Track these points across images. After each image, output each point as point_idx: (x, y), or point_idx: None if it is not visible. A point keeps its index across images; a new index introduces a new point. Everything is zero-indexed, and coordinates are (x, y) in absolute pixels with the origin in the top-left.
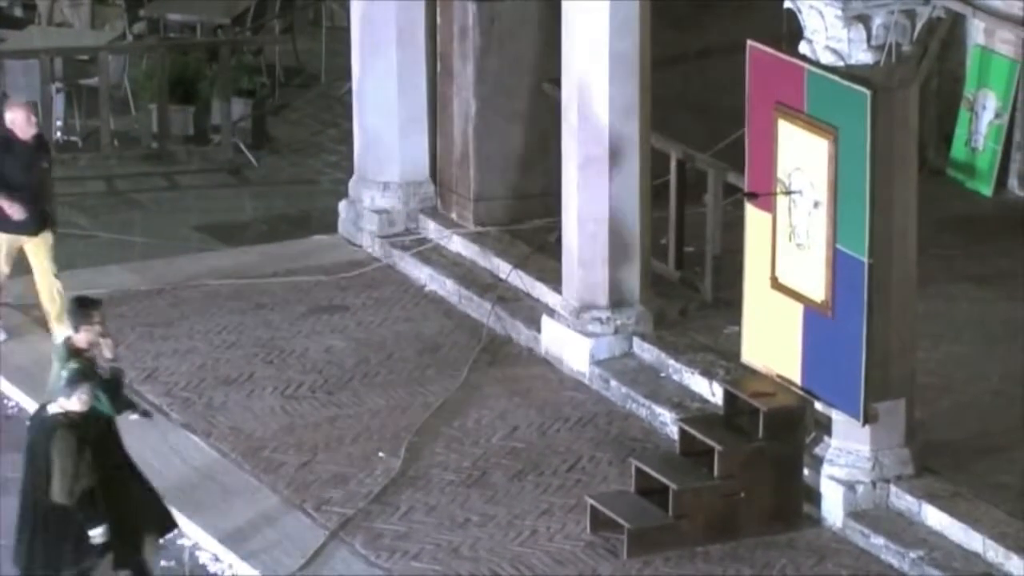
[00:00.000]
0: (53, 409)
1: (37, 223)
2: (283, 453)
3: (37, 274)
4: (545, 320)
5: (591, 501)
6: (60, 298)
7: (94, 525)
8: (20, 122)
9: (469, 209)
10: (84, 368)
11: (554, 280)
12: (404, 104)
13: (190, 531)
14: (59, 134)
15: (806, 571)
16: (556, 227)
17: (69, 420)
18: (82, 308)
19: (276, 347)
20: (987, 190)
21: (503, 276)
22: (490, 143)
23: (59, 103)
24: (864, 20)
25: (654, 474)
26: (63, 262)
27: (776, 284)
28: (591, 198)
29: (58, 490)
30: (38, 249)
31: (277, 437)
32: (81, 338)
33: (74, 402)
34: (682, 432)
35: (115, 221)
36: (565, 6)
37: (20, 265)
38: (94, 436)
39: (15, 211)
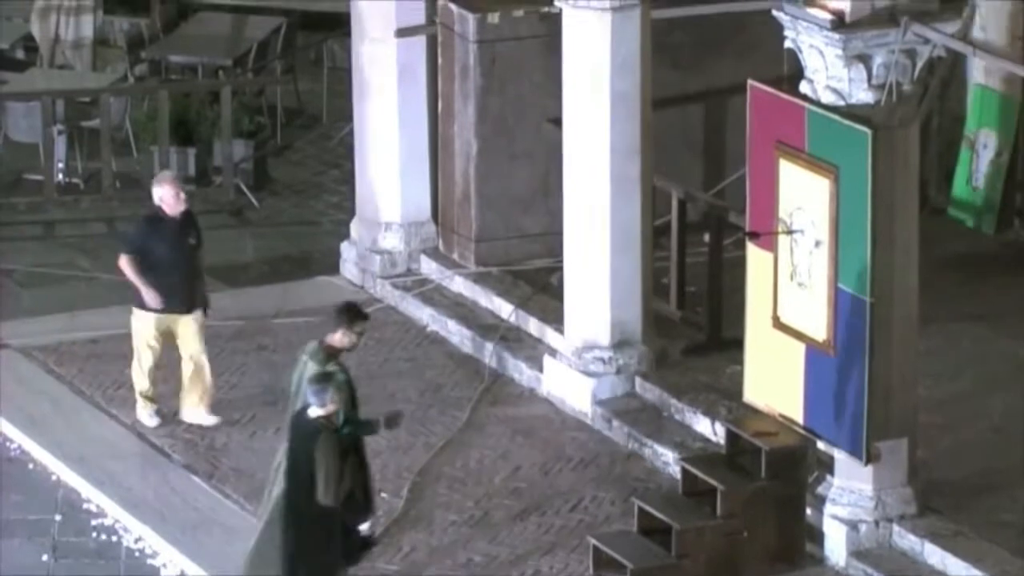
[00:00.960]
0: (313, 413)
1: (185, 302)
2: None
3: (185, 352)
4: (547, 360)
5: (594, 541)
6: (202, 378)
7: (363, 519)
8: (169, 198)
9: (471, 249)
10: (332, 372)
11: (556, 320)
12: (405, 145)
13: (193, 573)
14: (60, 176)
15: None
16: (558, 267)
17: (330, 423)
18: (350, 312)
19: (278, 388)
20: (988, 229)
21: (505, 316)
22: (491, 183)
23: (60, 145)
24: (864, 59)
25: (657, 514)
26: (65, 304)
27: (778, 323)
28: (592, 238)
29: (323, 492)
30: (187, 329)
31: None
32: (337, 339)
33: (329, 407)
34: (684, 472)
35: (117, 263)
36: (566, 46)
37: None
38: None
39: (151, 298)
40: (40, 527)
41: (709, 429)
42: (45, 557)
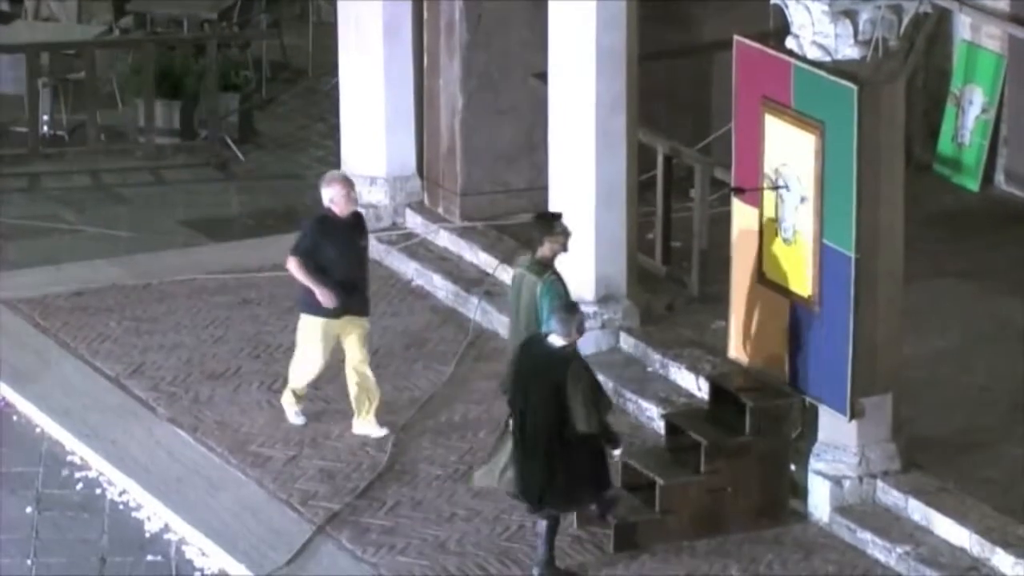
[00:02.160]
0: (556, 342)
1: (355, 306)
2: (270, 448)
3: (348, 360)
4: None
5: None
6: (367, 389)
7: (616, 444)
8: (340, 199)
9: (456, 204)
10: (576, 305)
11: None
12: (391, 99)
13: (177, 526)
14: (45, 128)
15: (793, 566)
16: None
17: (575, 351)
18: (544, 220)
19: (263, 342)
20: (974, 185)
21: (490, 271)
22: (477, 138)
23: (46, 98)
24: (851, 15)
25: (641, 469)
26: (50, 257)
27: (763, 279)
28: (578, 193)
29: (584, 420)
30: (352, 335)
31: (264, 432)
32: (547, 249)
33: (574, 336)
34: (669, 427)
35: (101, 215)
36: (552, 0)
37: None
38: None
39: (326, 298)
40: (24, 480)
41: (693, 384)
42: (29, 509)
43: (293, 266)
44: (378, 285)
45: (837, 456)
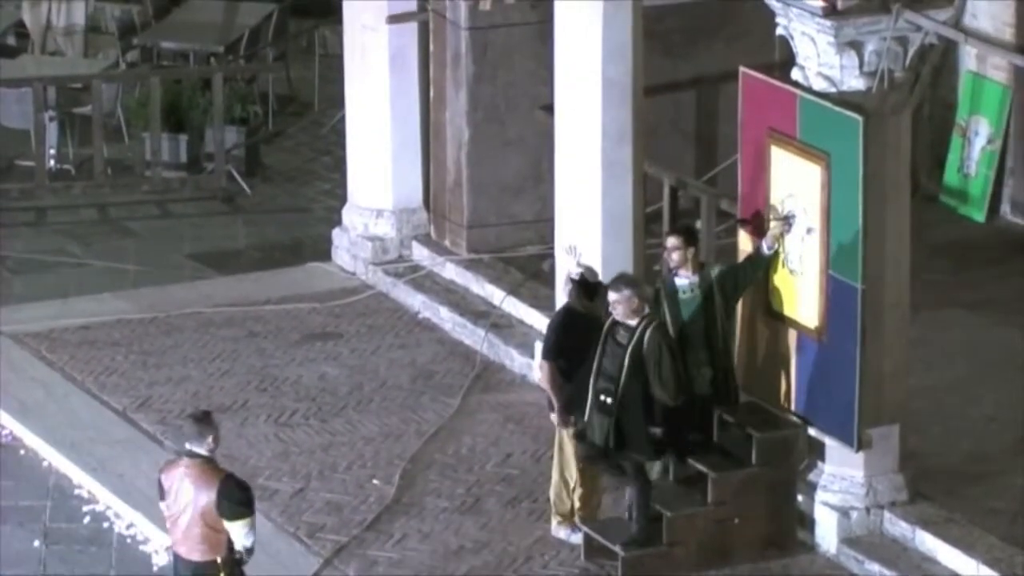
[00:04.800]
0: (628, 321)
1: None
2: (277, 480)
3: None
4: (538, 346)
5: (584, 528)
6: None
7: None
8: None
9: (462, 236)
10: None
11: (547, 307)
12: (397, 131)
13: None
14: (52, 162)
15: None
16: (549, 254)
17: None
18: (678, 234)
19: (269, 375)
20: (980, 216)
21: (496, 303)
22: (483, 170)
23: (52, 131)
24: (856, 46)
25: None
26: (57, 290)
27: (769, 310)
28: (584, 225)
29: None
30: None
31: (271, 465)
32: (678, 259)
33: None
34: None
35: (108, 249)
36: (558, 33)
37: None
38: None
39: (562, 418)
40: (31, 513)
41: None
42: (36, 543)
43: (546, 371)
44: (385, 318)
45: (844, 487)
